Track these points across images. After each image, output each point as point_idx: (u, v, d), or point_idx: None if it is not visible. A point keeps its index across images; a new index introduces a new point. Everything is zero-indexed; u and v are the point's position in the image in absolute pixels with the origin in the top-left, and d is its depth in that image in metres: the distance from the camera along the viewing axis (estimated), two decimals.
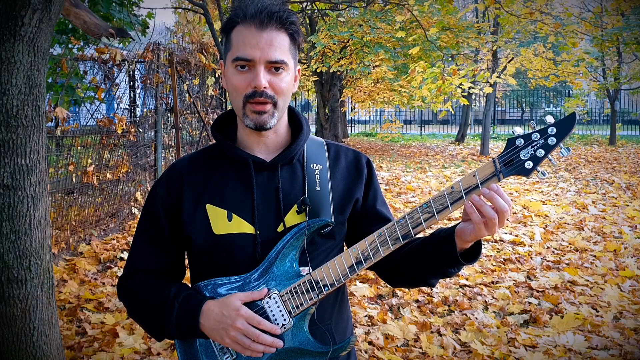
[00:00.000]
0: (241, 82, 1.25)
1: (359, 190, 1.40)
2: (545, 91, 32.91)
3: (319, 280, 1.25)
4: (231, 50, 1.27)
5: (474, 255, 1.27)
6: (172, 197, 1.36)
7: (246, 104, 1.26)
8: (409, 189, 9.28)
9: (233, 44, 1.26)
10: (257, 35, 1.23)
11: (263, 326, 1.22)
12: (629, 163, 13.25)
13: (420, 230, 1.21)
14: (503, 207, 1.14)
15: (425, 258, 1.30)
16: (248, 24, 1.24)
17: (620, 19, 12.14)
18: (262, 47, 1.23)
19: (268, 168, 1.33)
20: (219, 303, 1.25)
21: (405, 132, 24.20)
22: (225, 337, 1.22)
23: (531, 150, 1.15)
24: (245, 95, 1.25)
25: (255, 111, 1.25)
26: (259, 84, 1.23)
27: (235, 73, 1.26)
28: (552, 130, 1.14)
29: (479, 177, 1.17)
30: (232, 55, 1.26)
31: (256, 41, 1.23)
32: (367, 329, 3.67)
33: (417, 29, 9.68)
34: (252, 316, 1.22)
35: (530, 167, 1.15)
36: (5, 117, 2.21)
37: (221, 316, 1.22)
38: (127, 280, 1.40)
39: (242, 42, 1.24)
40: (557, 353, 3.32)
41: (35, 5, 2.18)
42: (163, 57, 7.15)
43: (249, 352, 1.22)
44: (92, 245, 5.53)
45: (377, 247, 1.23)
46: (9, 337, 2.34)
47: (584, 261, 5.13)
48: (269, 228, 1.30)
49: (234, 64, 1.25)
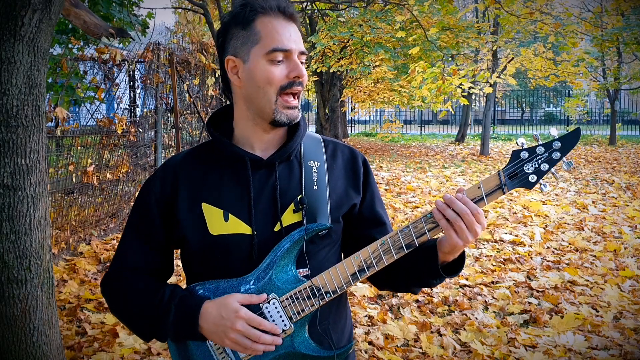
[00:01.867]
0: (277, 73, 1.23)
1: (355, 193, 1.38)
2: (545, 91, 32.92)
3: (320, 287, 1.23)
4: (260, 42, 1.23)
5: (456, 268, 1.29)
6: (166, 194, 1.33)
7: (279, 97, 1.24)
8: (409, 189, 9.28)
9: (263, 35, 1.23)
10: (288, 26, 1.24)
11: (264, 327, 1.20)
12: (629, 163, 13.25)
13: (424, 240, 1.21)
14: (462, 210, 1.16)
15: (408, 267, 1.30)
16: (274, 14, 1.24)
17: (620, 19, 12.15)
18: (295, 39, 1.24)
19: (265, 165, 1.31)
20: (217, 304, 1.23)
21: (405, 132, 24.19)
22: (225, 339, 1.21)
23: (535, 163, 1.17)
24: (280, 87, 1.24)
25: (289, 106, 1.25)
26: (302, 73, 1.24)
27: (269, 65, 1.23)
28: (556, 144, 1.16)
29: (484, 189, 1.18)
30: (265, 47, 1.23)
31: (289, 32, 1.24)
32: (367, 329, 3.67)
33: (417, 29, 9.68)
34: (252, 317, 1.20)
35: (534, 181, 1.17)
36: (5, 117, 2.21)
37: (220, 318, 1.20)
38: (114, 278, 1.37)
39: (277, 33, 1.23)
40: (557, 353, 3.32)
41: (35, 5, 2.18)
42: (163, 57, 7.15)
43: (249, 351, 1.21)
44: (92, 245, 5.53)
45: (380, 255, 1.22)
46: (9, 337, 2.34)
47: (584, 261, 5.13)
48: (265, 228, 1.28)
49: (269, 55, 1.23)
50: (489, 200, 1.18)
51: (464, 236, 1.18)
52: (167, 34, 10.63)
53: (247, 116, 1.31)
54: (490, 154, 15.42)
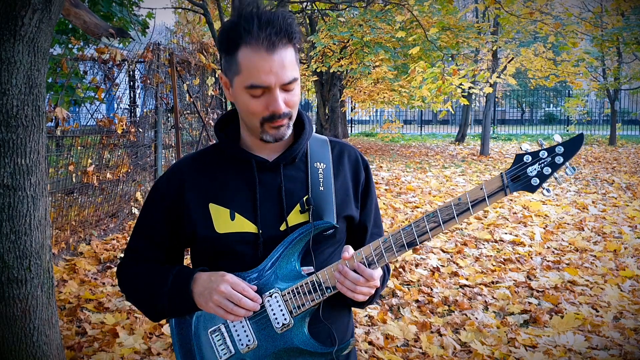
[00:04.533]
0: (257, 106, 1.23)
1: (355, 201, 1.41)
2: (545, 91, 32.91)
3: (322, 282, 1.26)
4: (241, 74, 1.22)
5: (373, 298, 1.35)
6: (172, 194, 1.37)
7: (264, 124, 1.26)
8: (409, 189, 9.27)
9: (243, 68, 1.21)
10: (269, 60, 1.18)
11: (247, 293, 1.25)
12: (629, 163, 13.25)
13: (426, 239, 1.24)
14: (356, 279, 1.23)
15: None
16: (256, 46, 1.18)
17: (620, 19, 12.15)
18: (276, 71, 1.19)
19: (271, 167, 1.33)
20: (210, 273, 1.30)
21: (405, 132, 24.19)
22: (209, 300, 1.26)
23: (538, 167, 1.18)
24: (262, 118, 1.24)
25: (274, 127, 1.26)
26: (279, 109, 1.22)
27: (249, 99, 1.23)
28: (559, 149, 1.17)
29: (486, 190, 1.19)
30: (243, 81, 1.22)
31: (269, 66, 1.19)
32: (367, 329, 3.67)
33: (417, 29, 9.68)
34: (237, 282, 1.26)
35: (536, 184, 1.18)
36: (5, 117, 2.21)
37: (208, 281, 1.27)
38: (124, 266, 1.44)
39: (255, 69, 1.19)
40: (557, 353, 3.32)
41: (35, 5, 2.18)
42: (163, 57, 7.15)
43: (231, 316, 1.25)
44: (92, 245, 5.53)
45: (381, 253, 1.25)
46: (9, 337, 2.34)
47: (584, 261, 5.13)
48: (271, 227, 1.31)
49: (248, 90, 1.22)
50: (491, 202, 1.19)
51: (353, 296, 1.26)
52: (167, 34, 10.65)
53: (243, 126, 1.36)
54: (490, 154, 15.42)
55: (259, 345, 1.29)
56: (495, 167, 12.65)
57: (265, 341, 1.28)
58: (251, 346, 1.28)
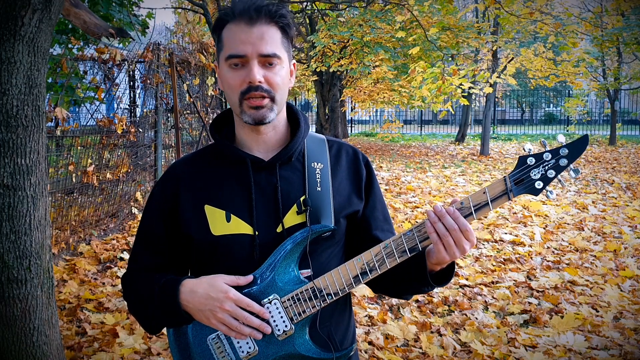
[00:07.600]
0: (236, 79, 1.24)
1: (358, 198, 1.38)
2: (545, 91, 32.91)
3: (322, 288, 1.23)
4: (223, 49, 1.26)
5: (446, 277, 1.29)
6: (168, 198, 1.35)
7: (242, 101, 1.24)
8: (409, 189, 9.27)
9: (225, 42, 1.25)
10: (248, 31, 1.22)
11: (252, 308, 1.22)
12: (629, 163, 13.25)
13: (428, 244, 1.21)
14: (451, 225, 1.16)
15: (399, 274, 1.30)
16: (237, 21, 1.23)
17: (620, 19, 12.15)
18: (254, 41, 1.21)
19: (266, 167, 1.31)
20: (204, 284, 1.24)
21: (405, 132, 24.19)
22: (211, 318, 1.23)
23: (542, 170, 1.15)
24: (240, 92, 1.24)
25: (253, 106, 1.24)
26: (254, 79, 1.21)
27: (229, 71, 1.25)
28: (564, 151, 1.15)
29: (489, 194, 1.16)
30: (224, 54, 1.25)
31: (247, 36, 1.22)
32: (367, 329, 3.67)
33: (417, 29, 9.68)
34: (241, 298, 1.22)
35: (540, 187, 1.16)
36: (5, 117, 2.21)
37: (208, 298, 1.22)
38: (127, 277, 1.42)
39: (234, 39, 1.23)
40: (557, 353, 3.32)
41: (35, 5, 2.18)
42: (163, 57, 7.15)
43: (234, 333, 1.22)
44: (92, 245, 5.53)
45: (383, 258, 1.22)
46: (9, 337, 2.34)
47: (584, 261, 5.13)
48: (267, 229, 1.28)
49: (227, 62, 1.24)
50: (494, 206, 1.16)
51: (451, 252, 1.18)
52: (167, 34, 10.63)
53: (237, 123, 1.35)
54: (490, 154, 15.42)
55: (259, 352, 1.25)
56: (495, 167, 12.64)
57: (265, 348, 1.25)
58: (252, 353, 1.25)
